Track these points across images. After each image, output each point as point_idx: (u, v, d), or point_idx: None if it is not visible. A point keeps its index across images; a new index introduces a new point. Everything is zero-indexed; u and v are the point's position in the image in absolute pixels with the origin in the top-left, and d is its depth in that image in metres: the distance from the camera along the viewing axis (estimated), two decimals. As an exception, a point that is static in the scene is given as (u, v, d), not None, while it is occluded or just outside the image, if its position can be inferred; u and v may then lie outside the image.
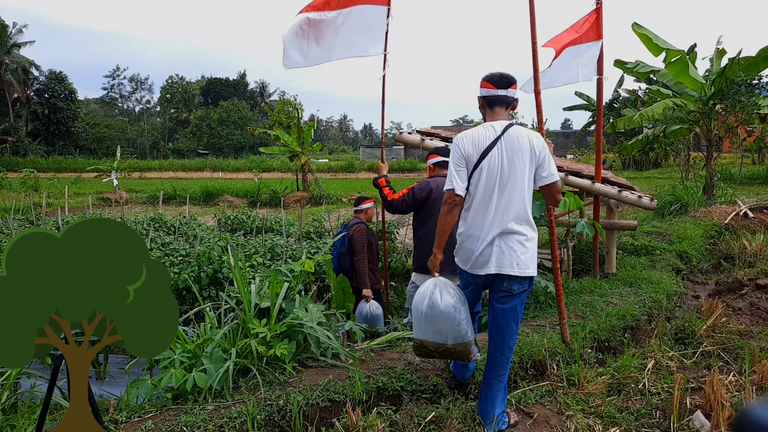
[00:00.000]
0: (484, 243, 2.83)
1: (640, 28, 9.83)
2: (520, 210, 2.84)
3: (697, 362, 3.86)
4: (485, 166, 2.84)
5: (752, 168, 18.81)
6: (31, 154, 45.34)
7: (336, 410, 2.93)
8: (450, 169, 2.91)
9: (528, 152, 2.84)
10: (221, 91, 67.66)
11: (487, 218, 2.85)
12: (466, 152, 2.87)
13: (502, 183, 2.84)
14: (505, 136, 2.85)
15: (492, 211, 2.84)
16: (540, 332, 4.00)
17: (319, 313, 3.48)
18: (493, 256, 2.82)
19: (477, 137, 2.88)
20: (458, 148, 2.89)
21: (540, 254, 6.77)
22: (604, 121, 8.59)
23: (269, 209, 11.36)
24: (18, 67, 48.31)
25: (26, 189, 18.04)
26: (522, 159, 2.83)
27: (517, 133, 2.87)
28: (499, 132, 2.86)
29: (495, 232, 2.82)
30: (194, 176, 32.97)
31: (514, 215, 2.83)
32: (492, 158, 2.84)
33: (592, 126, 32.10)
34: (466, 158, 2.87)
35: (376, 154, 49.95)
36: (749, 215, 9.07)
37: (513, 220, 2.83)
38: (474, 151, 2.87)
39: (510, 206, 2.83)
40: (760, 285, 5.43)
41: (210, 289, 5.43)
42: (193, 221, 9.55)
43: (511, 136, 2.86)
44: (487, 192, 2.85)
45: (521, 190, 2.84)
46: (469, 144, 2.88)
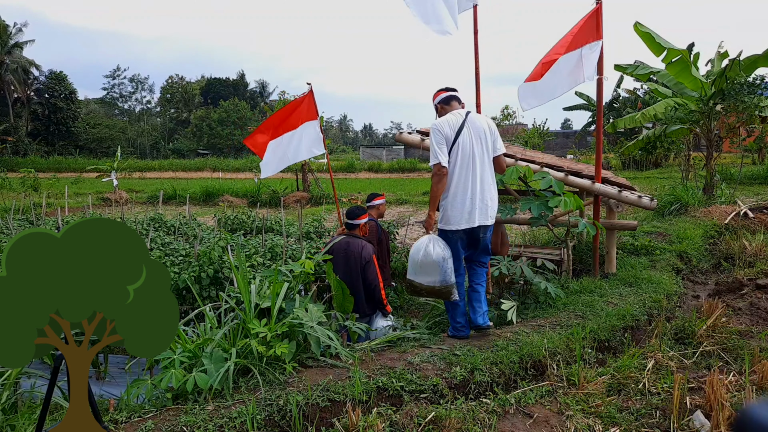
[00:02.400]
0: (468, 203, 3.76)
1: (642, 27, 9.82)
2: (487, 175, 3.86)
3: (697, 362, 3.86)
4: (460, 143, 3.76)
5: (752, 168, 18.80)
6: (31, 154, 45.33)
7: (336, 410, 2.93)
8: (434, 148, 3.73)
9: (487, 131, 3.89)
10: (221, 91, 67.59)
11: (467, 184, 3.76)
12: (445, 133, 3.76)
13: (473, 155, 3.77)
14: (468, 120, 3.83)
15: (471, 178, 3.77)
16: (540, 332, 4.00)
17: (319, 313, 3.48)
18: (476, 212, 3.79)
19: (451, 122, 3.80)
20: (438, 131, 3.75)
21: (540, 254, 6.77)
22: (604, 121, 8.59)
23: (269, 209, 11.36)
24: (18, 67, 48.30)
25: (26, 189, 18.03)
26: (484, 136, 3.85)
27: (476, 117, 3.90)
28: (464, 117, 3.83)
29: (475, 194, 3.77)
30: (194, 176, 32.96)
31: (486, 180, 3.84)
32: (464, 137, 3.77)
33: (592, 126, 32.11)
34: (446, 138, 3.75)
35: (376, 154, 49.95)
36: (749, 215, 9.06)
37: (486, 183, 3.84)
38: (451, 132, 3.76)
39: (484, 174, 3.82)
40: (760, 285, 5.43)
41: (210, 289, 5.43)
42: (193, 221, 9.55)
43: (473, 120, 3.85)
44: (464, 163, 3.76)
45: (489, 160, 3.89)
46: (447, 127, 3.77)
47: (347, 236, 4.72)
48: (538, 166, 5.42)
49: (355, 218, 4.82)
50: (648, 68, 10.96)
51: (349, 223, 4.83)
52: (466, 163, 3.75)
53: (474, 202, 3.78)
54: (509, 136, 33.17)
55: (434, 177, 3.73)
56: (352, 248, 4.54)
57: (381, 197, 5.33)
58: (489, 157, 3.88)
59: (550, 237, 8.07)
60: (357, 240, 4.58)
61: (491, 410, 3.03)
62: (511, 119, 32.16)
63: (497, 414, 3.02)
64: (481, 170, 3.80)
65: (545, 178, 4.93)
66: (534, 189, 5.29)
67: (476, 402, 3.14)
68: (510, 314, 4.32)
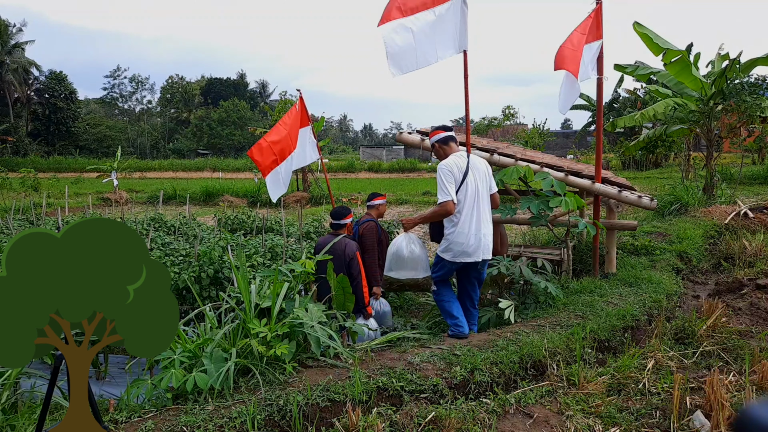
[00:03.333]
0: (473, 239, 4.12)
1: (641, 27, 9.82)
2: (487, 214, 4.25)
3: (697, 362, 3.86)
4: (467, 183, 4.12)
5: (752, 168, 18.81)
6: (32, 154, 45.34)
7: (336, 410, 2.93)
8: (444, 187, 4.07)
9: (485, 173, 4.28)
10: (221, 91, 67.57)
11: (473, 221, 4.12)
12: (455, 175, 4.11)
13: (477, 195, 4.15)
14: (471, 163, 4.21)
15: (476, 215, 4.13)
16: (540, 332, 3.99)
17: (319, 313, 3.48)
18: (481, 247, 4.16)
19: (458, 164, 4.16)
20: (449, 172, 4.10)
21: (540, 254, 6.77)
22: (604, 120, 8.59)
23: (269, 209, 11.36)
24: (18, 67, 48.31)
25: (26, 189, 18.03)
26: (484, 178, 4.24)
27: (477, 160, 4.28)
28: (467, 160, 4.20)
29: (479, 231, 4.14)
30: (194, 176, 32.97)
31: (486, 218, 4.22)
32: (470, 178, 4.14)
33: (592, 126, 32.10)
34: (455, 179, 4.11)
35: (376, 154, 49.94)
36: (749, 215, 9.06)
37: (486, 221, 4.21)
38: (459, 173, 4.13)
39: (485, 212, 4.21)
40: (760, 285, 5.43)
41: (210, 289, 5.43)
42: (193, 221, 9.55)
43: (475, 163, 4.23)
44: (470, 202, 4.13)
45: (488, 199, 4.27)
46: (455, 168, 4.13)
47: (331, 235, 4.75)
48: (538, 166, 5.42)
49: (341, 218, 4.86)
50: (648, 68, 10.96)
51: (335, 223, 4.86)
52: (471, 203, 4.13)
53: (479, 238, 4.14)
54: (509, 135, 33.18)
55: (440, 210, 4.10)
56: (336, 246, 4.56)
57: (382, 197, 5.32)
58: (488, 196, 4.27)
59: (550, 237, 8.07)
60: (341, 239, 4.59)
61: (491, 410, 3.03)
62: (512, 119, 32.15)
63: (497, 414, 3.02)
64: (483, 209, 4.19)
65: (546, 179, 4.93)
66: (534, 189, 5.29)
67: (476, 402, 3.14)
68: (507, 313, 4.33)
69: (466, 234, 4.11)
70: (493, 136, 29.97)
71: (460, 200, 4.11)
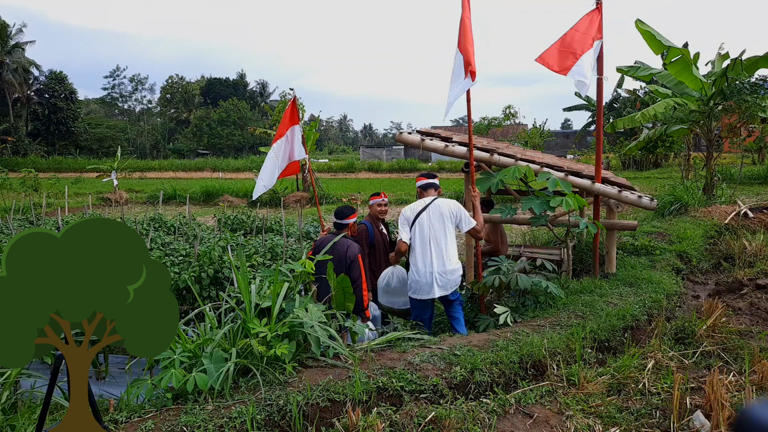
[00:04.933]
0: (428, 276, 4.39)
1: (643, 25, 9.80)
2: (442, 251, 4.43)
3: (697, 362, 3.86)
4: (419, 223, 4.46)
5: (752, 168, 18.80)
6: (31, 154, 45.33)
7: (336, 410, 2.93)
8: (399, 228, 4.51)
9: (447, 213, 4.48)
10: (221, 91, 67.59)
11: (426, 259, 4.41)
12: (406, 217, 4.53)
13: (432, 235, 4.43)
14: (431, 205, 4.52)
15: (428, 254, 4.41)
16: (540, 332, 3.99)
17: (319, 313, 3.48)
18: (434, 284, 4.39)
19: (414, 207, 4.57)
20: (403, 216, 4.56)
21: (540, 254, 6.75)
22: (604, 121, 8.59)
23: (269, 209, 11.36)
24: (18, 67, 48.29)
25: (26, 189, 18.04)
26: (441, 219, 4.46)
27: (439, 203, 4.54)
28: (428, 203, 4.54)
29: (434, 269, 4.38)
30: (194, 176, 32.96)
31: (443, 255, 4.42)
32: (422, 218, 4.47)
33: (592, 126, 32.09)
34: (407, 220, 4.51)
35: (376, 154, 49.94)
36: (749, 215, 9.06)
37: (442, 258, 4.42)
38: (411, 214, 4.53)
39: (441, 250, 4.42)
40: (760, 285, 5.43)
41: (210, 289, 5.43)
42: (193, 221, 9.55)
43: (435, 205, 4.52)
44: (422, 241, 4.43)
45: (444, 238, 4.45)
46: (409, 212, 4.56)
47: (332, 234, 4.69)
48: (538, 166, 5.42)
49: (344, 218, 4.78)
50: (649, 69, 10.95)
51: (338, 222, 4.79)
52: (424, 242, 4.45)
53: (433, 276, 4.39)
54: (510, 136, 33.17)
55: (398, 252, 4.62)
56: (338, 247, 4.49)
57: (376, 196, 5.19)
58: (448, 235, 4.47)
59: (550, 237, 8.07)
60: (343, 239, 4.52)
61: (491, 410, 3.03)
62: (513, 119, 32.14)
63: (497, 414, 3.02)
64: (440, 248, 4.43)
65: (550, 179, 4.93)
66: (534, 189, 5.29)
67: (476, 402, 3.14)
68: (503, 319, 4.33)
69: (419, 272, 4.43)
70: (494, 136, 29.96)
71: (413, 240, 4.47)
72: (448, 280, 4.43)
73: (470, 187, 4.95)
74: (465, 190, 6.28)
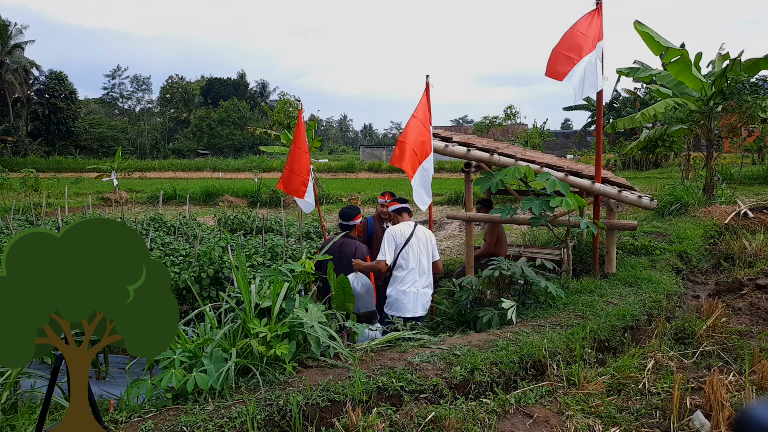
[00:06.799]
0: (413, 296, 4.62)
1: (642, 26, 9.80)
2: (425, 275, 4.73)
3: (697, 362, 3.86)
4: (408, 248, 4.64)
5: (752, 168, 18.79)
6: (32, 154, 45.33)
7: (336, 410, 2.93)
8: (385, 247, 4.58)
9: (429, 242, 4.81)
10: (221, 91, 67.59)
11: (414, 281, 4.64)
12: (396, 240, 4.66)
13: (417, 260, 4.66)
14: (416, 231, 4.75)
15: (416, 276, 4.65)
16: (540, 332, 3.99)
17: (319, 313, 3.48)
18: (419, 304, 4.65)
19: (402, 231, 4.70)
20: (392, 238, 4.66)
21: (540, 254, 6.75)
22: (604, 121, 8.59)
23: (269, 209, 11.36)
24: (18, 67, 48.30)
25: (26, 189, 18.04)
26: (426, 245, 4.77)
27: (421, 230, 4.81)
28: (412, 228, 4.74)
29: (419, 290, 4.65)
30: (194, 176, 32.96)
31: (426, 279, 4.73)
32: (411, 244, 4.67)
33: (592, 126, 32.09)
34: (396, 244, 4.65)
35: (376, 154, 49.93)
36: (749, 215, 9.06)
37: (425, 282, 4.72)
38: (402, 239, 4.67)
39: (423, 274, 4.70)
40: (760, 285, 5.43)
41: (210, 289, 5.43)
42: (193, 221, 9.55)
43: (418, 232, 4.76)
44: (412, 264, 4.65)
45: (428, 262, 4.77)
46: (399, 234, 4.68)
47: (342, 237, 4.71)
48: (538, 166, 5.42)
49: (350, 219, 4.81)
50: (649, 70, 10.94)
51: (344, 224, 4.80)
52: (412, 266, 4.66)
53: (418, 296, 4.64)
54: (510, 135, 33.17)
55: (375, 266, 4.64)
56: (345, 249, 4.55)
57: (382, 196, 5.26)
58: (428, 261, 4.79)
59: (550, 237, 8.07)
60: (351, 241, 4.57)
61: (491, 410, 3.03)
62: (513, 119, 32.15)
63: (497, 414, 3.02)
64: (422, 271, 4.71)
65: (549, 180, 4.93)
66: (534, 189, 5.29)
67: (476, 402, 3.14)
68: (510, 313, 4.32)
69: (406, 292, 4.61)
70: (494, 136, 29.98)
71: (403, 263, 4.67)
72: (426, 301, 4.75)
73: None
74: (465, 189, 6.29)
